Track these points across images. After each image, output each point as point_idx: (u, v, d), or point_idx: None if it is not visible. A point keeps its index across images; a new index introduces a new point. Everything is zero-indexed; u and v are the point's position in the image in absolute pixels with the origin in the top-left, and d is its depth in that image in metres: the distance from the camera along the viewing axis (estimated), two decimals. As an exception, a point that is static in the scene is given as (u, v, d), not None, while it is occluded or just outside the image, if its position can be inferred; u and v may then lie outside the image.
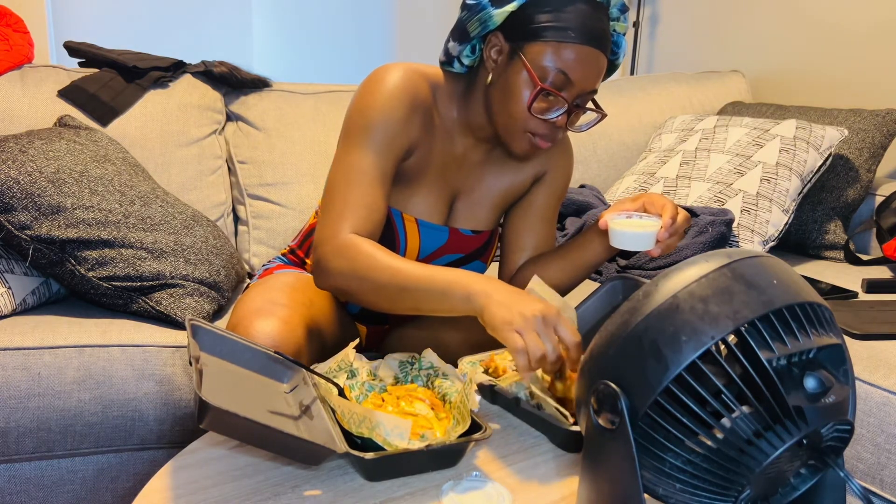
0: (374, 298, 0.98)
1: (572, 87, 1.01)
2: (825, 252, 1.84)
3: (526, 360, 0.84)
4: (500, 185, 1.20)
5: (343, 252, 0.99)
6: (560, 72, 1.00)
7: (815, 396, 0.60)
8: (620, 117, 2.17)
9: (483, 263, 1.22)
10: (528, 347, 0.84)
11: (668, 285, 0.62)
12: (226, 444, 0.87)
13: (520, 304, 0.87)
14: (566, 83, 1.01)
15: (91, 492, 1.30)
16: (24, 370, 1.21)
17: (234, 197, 1.81)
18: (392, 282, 0.95)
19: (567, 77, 1.00)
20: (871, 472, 1.14)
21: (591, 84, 1.02)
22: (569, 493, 0.80)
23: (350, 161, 1.03)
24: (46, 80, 1.65)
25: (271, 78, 1.88)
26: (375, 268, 0.96)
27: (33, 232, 1.26)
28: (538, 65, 1.00)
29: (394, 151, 1.05)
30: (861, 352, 1.22)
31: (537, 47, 1.00)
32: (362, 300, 1.00)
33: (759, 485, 0.61)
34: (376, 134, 1.03)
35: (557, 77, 1.00)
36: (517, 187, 1.22)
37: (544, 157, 1.22)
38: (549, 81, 1.00)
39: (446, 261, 1.18)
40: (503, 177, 1.20)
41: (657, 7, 2.76)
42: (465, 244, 1.18)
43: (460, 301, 0.91)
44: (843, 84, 2.19)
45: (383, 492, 0.79)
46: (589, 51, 1.00)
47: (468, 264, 1.20)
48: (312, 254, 1.04)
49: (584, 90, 1.02)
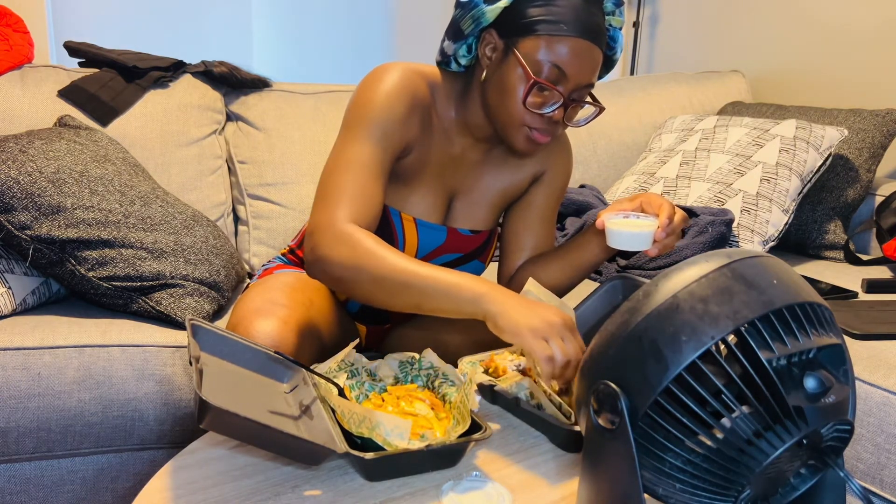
0: (372, 291, 0.96)
1: (567, 80, 1.01)
2: (825, 252, 1.84)
3: (552, 366, 0.85)
4: (498, 185, 1.19)
5: (342, 240, 0.97)
6: (554, 66, 0.99)
7: (815, 396, 0.60)
8: (620, 117, 2.17)
9: (481, 263, 1.22)
10: (554, 354, 0.84)
11: (668, 285, 0.62)
12: (226, 444, 0.87)
13: (542, 311, 0.87)
14: (561, 77, 1.00)
15: (91, 492, 1.30)
16: (24, 370, 1.21)
17: (234, 197, 1.81)
18: (393, 276, 0.94)
19: (561, 70, 1.00)
20: (871, 472, 1.14)
21: (587, 78, 1.02)
22: (569, 493, 0.80)
23: (348, 152, 1.02)
24: (46, 80, 1.65)
25: (271, 78, 1.88)
26: (377, 259, 0.95)
27: (33, 232, 1.26)
28: (532, 59, 1.00)
29: (392, 147, 1.05)
30: (861, 352, 1.22)
31: (530, 42, 1.00)
32: (358, 292, 0.98)
33: (759, 485, 0.61)
34: (375, 129, 1.03)
35: (552, 71, 1.00)
36: (516, 187, 1.21)
37: (543, 156, 1.22)
38: (543, 76, 1.00)
39: (444, 260, 1.18)
40: (501, 177, 1.19)
41: (657, 7, 2.76)
42: (464, 244, 1.18)
43: (467, 303, 0.90)
44: (843, 84, 2.19)
45: (383, 492, 0.79)
46: (583, 44, 0.99)
47: (466, 264, 1.20)
48: (306, 242, 1.02)
49: (580, 84, 1.02)
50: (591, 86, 1.04)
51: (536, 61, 1.00)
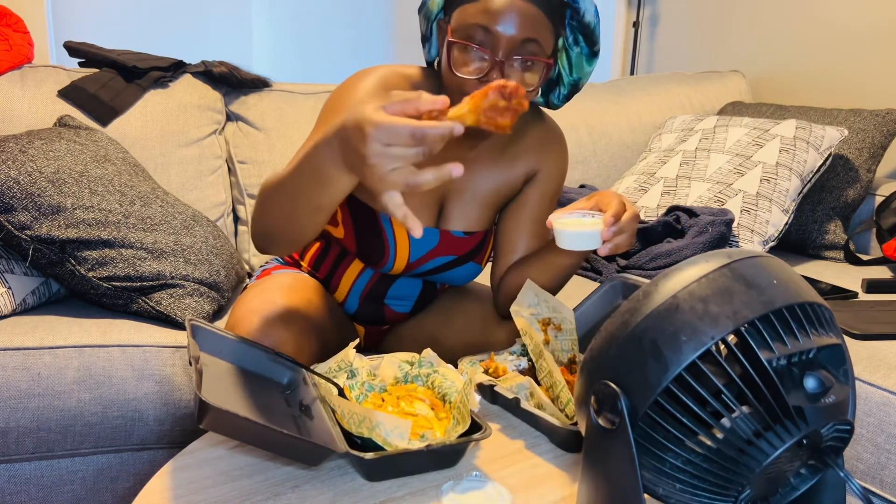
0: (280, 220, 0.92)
1: (495, 37, 0.97)
2: (825, 252, 1.84)
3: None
4: (490, 185, 1.18)
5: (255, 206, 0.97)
6: (478, 26, 0.97)
7: (815, 396, 0.60)
8: (620, 117, 2.18)
9: (477, 265, 1.21)
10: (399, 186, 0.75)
11: (668, 285, 0.62)
12: (226, 444, 0.87)
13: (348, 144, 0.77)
14: (487, 34, 0.98)
15: (91, 492, 1.30)
16: (24, 370, 1.21)
17: (234, 197, 1.81)
18: (276, 193, 0.91)
19: (486, 28, 0.97)
20: (871, 472, 1.14)
21: (519, 31, 0.97)
22: (569, 494, 0.80)
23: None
24: (46, 80, 1.65)
25: (271, 78, 1.88)
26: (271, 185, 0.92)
27: (33, 232, 1.26)
28: (460, 27, 0.99)
29: None
30: (861, 352, 1.22)
31: (458, 12, 1.00)
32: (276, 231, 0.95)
33: (759, 485, 0.61)
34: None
35: (477, 31, 0.98)
36: (509, 186, 1.20)
37: (536, 155, 1.19)
38: (475, 40, 0.98)
39: (438, 263, 1.17)
40: (493, 176, 1.18)
41: (657, 7, 2.76)
42: (458, 246, 1.17)
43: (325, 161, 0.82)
44: (843, 84, 2.19)
45: (383, 492, 0.79)
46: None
47: (462, 265, 1.19)
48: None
49: (515, 40, 0.98)
50: (530, 42, 0.98)
51: (464, 27, 0.99)
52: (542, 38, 0.99)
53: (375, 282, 1.21)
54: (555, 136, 1.21)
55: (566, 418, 0.90)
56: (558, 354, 1.02)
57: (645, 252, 1.66)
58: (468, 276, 1.21)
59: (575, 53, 1.09)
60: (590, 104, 2.17)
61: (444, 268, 1.18)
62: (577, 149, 2.10)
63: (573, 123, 2.12)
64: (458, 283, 1.22)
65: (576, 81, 1.13)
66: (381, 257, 1.13)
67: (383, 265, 1.15)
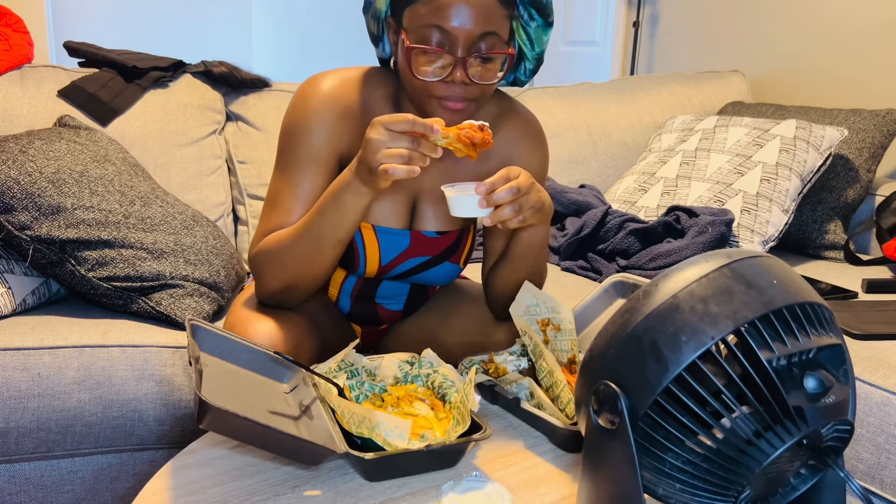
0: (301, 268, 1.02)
1: (452, 36, 0.96)
2: (825, 252, 1.84)
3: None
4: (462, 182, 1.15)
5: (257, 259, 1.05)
6: (433, 26, 0.96)
7: (815, 396, 0.60)
8: (620, 117, 2.18)
9: (454, 265, 1.18)
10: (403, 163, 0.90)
11: (668, 285, 0.62)
12: (226, 444, 0.87)
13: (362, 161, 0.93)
14: (443, 34, 0.96)
15: (91, 492, 1.30)
16: (24, 370, 1.21)
17: (234, 197, 1.81)
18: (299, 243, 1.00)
19: (441, 29, 0.96)
20: (871, 472, 1.14)
21: (474, 26, 0.96)
22: (569, 494, 0.80)
23: (274, 184, 1.08)
24: (46, 80, 1.65)
25: (271, 78, 1.88)
26: (283, 243, 1.02)
27: (33, 232, 1.26)
28: (414, 28, 0.98)
29: (320, 166, 1.06)
30: (861, 352, 1.22)
31: (409, 13, 0.99)
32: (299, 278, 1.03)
33: (759, 485, 0.61)
34: (299, 153, 1.05)
35: (432, 32, 0.97)
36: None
37: (508, 146, 1.15)
38: (431, 41, 0.97)
39: (412, 264, 1.15)
40: (465, 173, 1.14)
41: (657, 7, 2.76)
42: (431, 246, 1.15)
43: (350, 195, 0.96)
44: (843, 84, 2.19)
45: (383, 492, 0.79)
46: None
47: (437, 266, 1.16)
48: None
49: (472, 35, 0.96)
50: (488, 35, 0.97)
51: (419, 29, 0.97)
52: (498, 28, 0.98)
53: (362, 284, 1.20)
54: (530, 127, 1.17)
55: (566, 418, 0.90)
56: (558, 355, 1.02)
57: (645, 252, 1.66)
58: (447, 276, 1.19)
59: (532, 28, 1.07)
60: (590, 104, 2.17)
61: (420, 268, 1.16)
62: (577, 149, 2.09)
63: (573, 123, 2.11)
64: (439, 283, 1.21)
65: (539, 55, 1.11)
66: (352, 261, 1.13)
67: (356, 269, 1.14)
